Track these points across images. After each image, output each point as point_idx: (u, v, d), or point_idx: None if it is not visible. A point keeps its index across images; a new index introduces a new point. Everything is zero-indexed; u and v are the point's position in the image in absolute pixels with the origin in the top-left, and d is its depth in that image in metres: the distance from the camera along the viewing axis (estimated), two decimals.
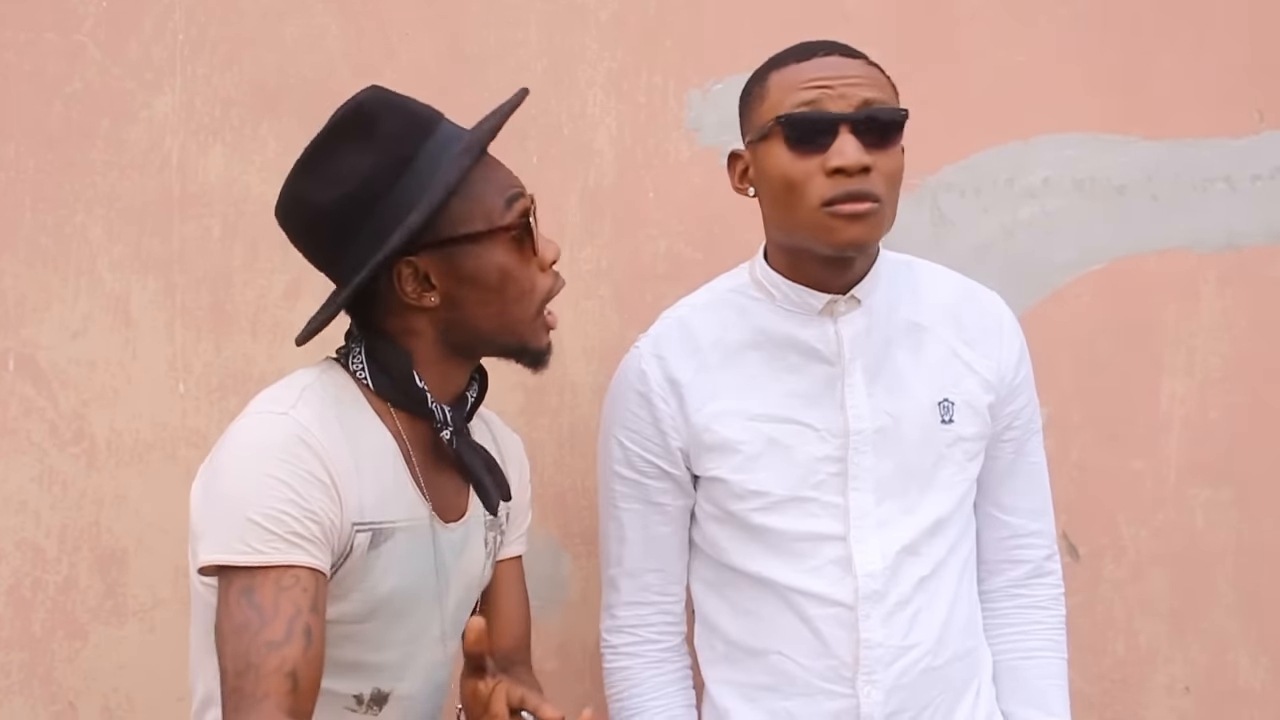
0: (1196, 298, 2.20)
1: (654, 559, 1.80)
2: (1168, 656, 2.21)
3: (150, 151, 2.00)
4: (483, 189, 1.48)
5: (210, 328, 2.00)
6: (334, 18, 2.04)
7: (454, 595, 1.60)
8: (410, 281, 1.47)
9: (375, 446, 1.50)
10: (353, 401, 1.51)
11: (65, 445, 1.97)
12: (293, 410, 1.44)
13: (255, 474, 1.40)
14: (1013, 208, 2.18)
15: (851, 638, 1.69)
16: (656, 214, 2.12)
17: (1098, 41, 2.18)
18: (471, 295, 1.48)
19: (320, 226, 1.48)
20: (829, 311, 1.71)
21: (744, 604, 1.75)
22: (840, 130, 1.60)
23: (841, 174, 1.59)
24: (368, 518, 1.46)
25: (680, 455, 1.75)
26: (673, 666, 1.83)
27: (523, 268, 1.50)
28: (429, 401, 1.51)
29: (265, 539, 1.37)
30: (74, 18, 1.98)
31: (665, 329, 1.79)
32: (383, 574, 1.49)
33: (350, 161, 1.45)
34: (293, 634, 1.33)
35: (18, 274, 1.96)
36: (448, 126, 1.51)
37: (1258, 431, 2.20)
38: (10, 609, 1.96)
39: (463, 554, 1.59)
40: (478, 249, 1.47)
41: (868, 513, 1.70)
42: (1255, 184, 2.20)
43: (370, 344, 1.52)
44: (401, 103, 1.49)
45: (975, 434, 1.76)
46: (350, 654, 1.50)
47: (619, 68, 2.11)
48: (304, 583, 1.37)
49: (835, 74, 1.62)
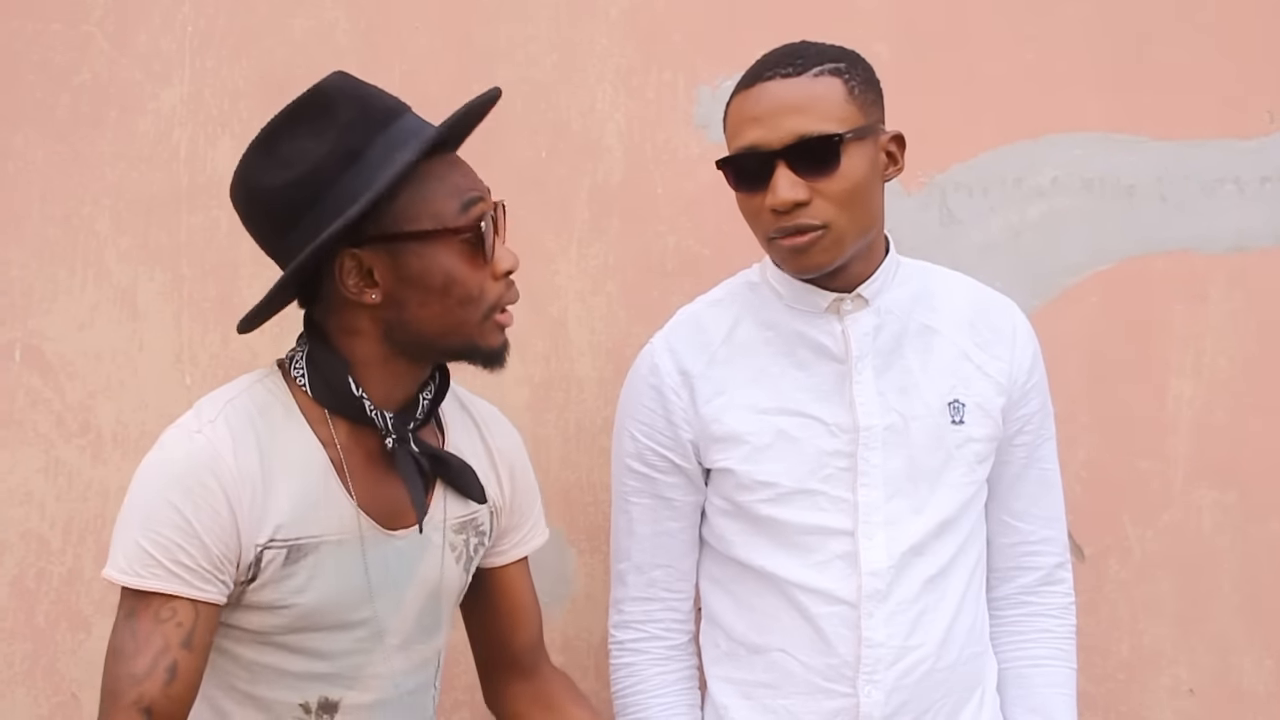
0: (1204, 299, 2.19)
1: (662, 554, 1.80)
2: (1172, 658, 2.20)
3: (158, 143, 1.99)
4: (435, 188, 1.44)
5: (217, 320, 2.00)
6: (343, 11, 2.04)
7: (413, 603, 1.56)
8: (353, 275, 1.44)
9: (301, 461, 1.47)
10: (284, 413, 1.48)
11: (71, 436, 1.97)
12: (208, 428, 1.44)
13: (152, 497, 1.41)
14: (1021, 207, 2.17)
15: (854, 636, 1.69)
16: (665, 210, 2.12)
17: (1107, 41, 2.18)
18: (414, 296, 1.44)
19: (266, 209, 1.45)
20: (835, 310, 1.72)
21: (748, 600, 1.76)
22: (777, 165, 1.61)
23: (776, 212, 1.62)
24: (281, 535, 1.45)
25: (691, 448, 1.76)
26: (678, 665, 1.83)
27: (471, 274, 1.44)
28: (367, 409, 1.47)
29: (148, 564, 1.40)
30: (82, 9, 1.98)
31: (678, 324, 1.81)
32: (303, 587, 1.47)
33: (302, 146, 1.42)
34: (155, 669, 1.38)
35: (25, 265, 1.96)
36: (411, 120, 1.47)
37: (1265, 433, 2.20)
38: (14, 600, 1.96)
39: (420, 560, 1.56)
40: (423, 248, 1.43)
41: (876, 509, 1.70)
42: (1265, 185, 2.19)
43: (312, 348, 1.50)
44: (363, 92, 1.46)
45: (986, 435, 1.75)
46: (287, 663, 1.50)
47: (628, 64, 2.11)
48: (180, 616, 1.40)
49: (770, 106, 1.63)
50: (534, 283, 1.93)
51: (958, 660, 1.74)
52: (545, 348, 2.06)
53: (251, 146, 1.46)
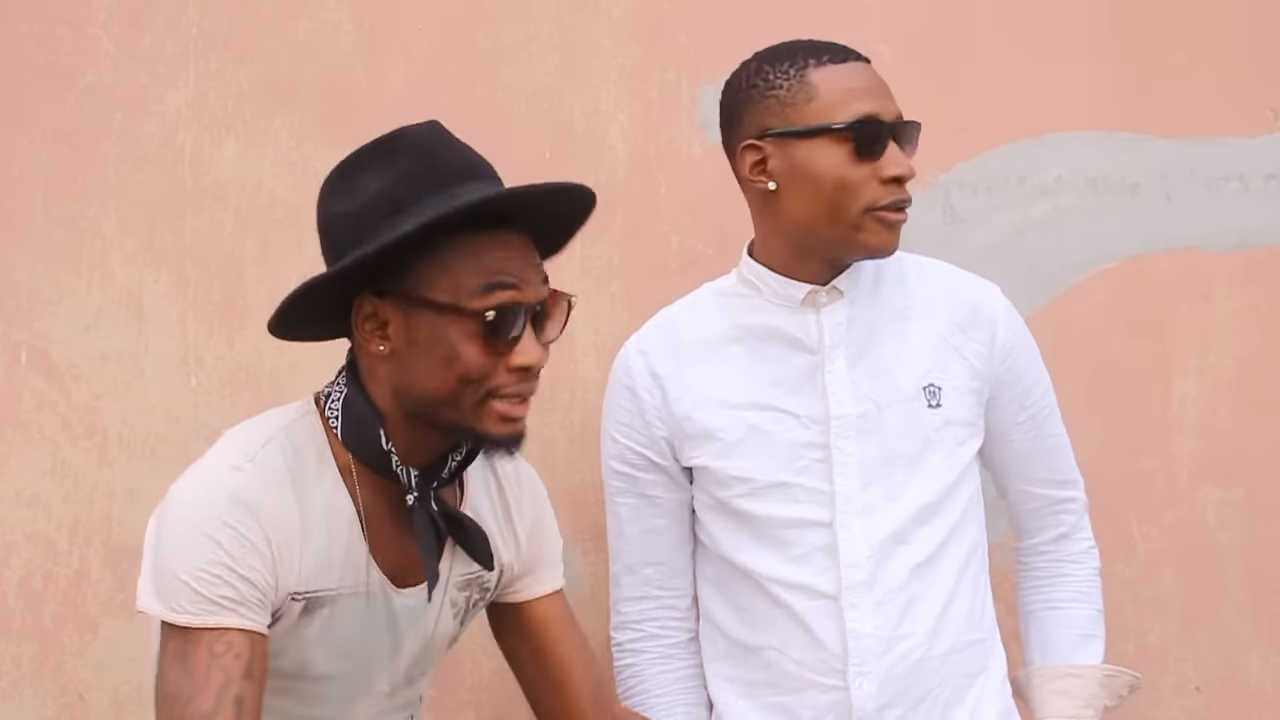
0: (1209, 297, 2.19)
1: (652, 553, 1.82)
2: (1178, 656, 2.20)
3: (163, 146, 2.00)
4: (464, 263, 1.38)
5: (222, 322, 2.00)
6: (347, 13, 2.04)
7: (408, 654, 1.56)
8: (369, 321, 1.42)
9: (329, 511, 1.45)
10: (316, 458, 1.46)
11: (77, 439, 1.98)
12: (248, 467, 1.41)
13: (192, 532, 1.37)
14: (1025, 206, 2.17)
15: (838, 629, 1.70)
16: (668, 210, 2.12)
17: (1111, 39, 2.18)
18: (419, 362, 1.40)
19: (325, 231, 1.46)
20: (811, 302, 1.74)
21: (739, 599, 1.77)
22: (889, 141, 1.66)
23: (896, 182, 1.65)
24: (304, 588, 1.43)
25: (666, 446, 1.78)
26: (679, 664, 1.83)
27: (477, 356, 1.39)
28: (394, 464, 1.45)
29: (195, 600, 1.36)
30: (88, 11, 1.98)
31: (651, 327, 1.84)
32: (315, 640, 1.46)
33: (365, 181, 1.41)
34: (222, 705, 1.34)
35: (31, 267, 1.97)
36: (482, 188, 1.41)
37: (1269, 431, 2.19)
38: (21, 601, 1.97)
39: (422, 616, 1.54)
40: (435, 319, 1.38)
41: (852, 498, 1.71)
42: (1269, 183, 2.19)
43: (350, 391, 1.46)
44: (437, 147, 1.43)
45: (965, 418, 1.76)
46: (279, 704, 1.48)
47: (631, 64, 2.11)
48: (237, 648, 1.36)
49: (876, 83, 1.69)
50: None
51: (952, 648, 1.73)
52: (549, 348, 2.06)
53: (338, 166, 1.46)
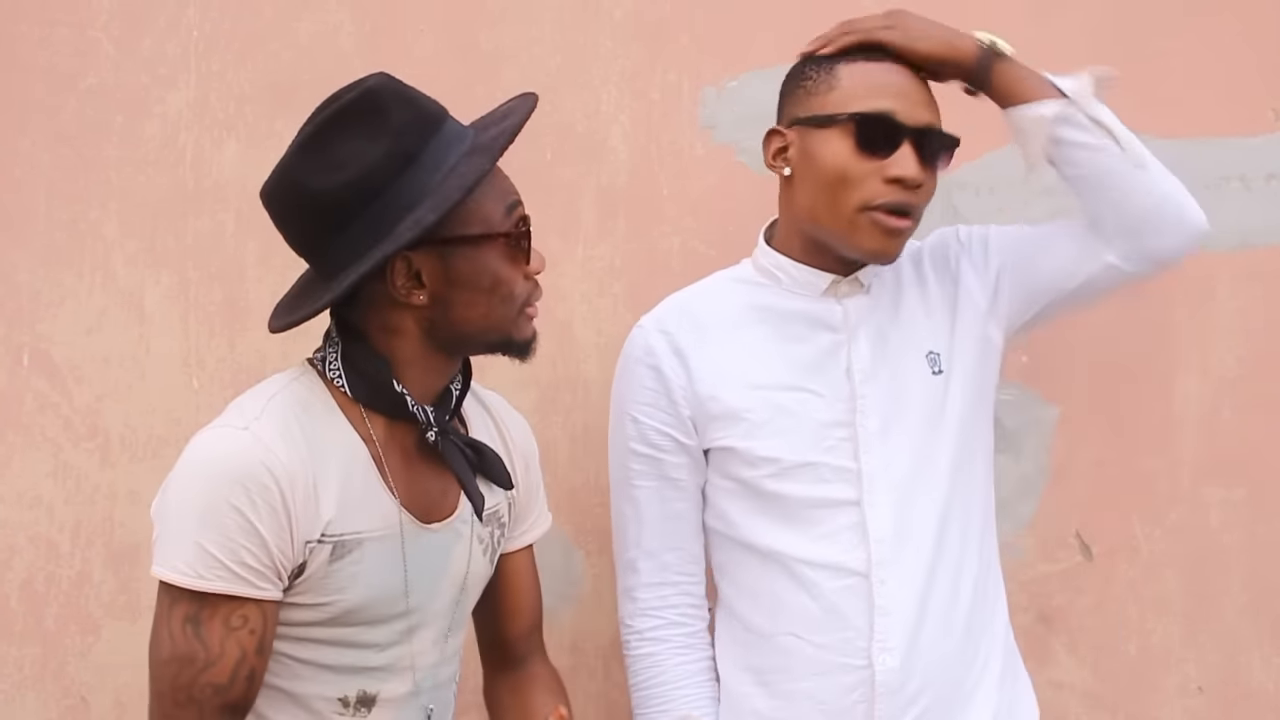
0: (1211, 297, 2.19)
1: (673, 537, 1.80)
2: (1180, 656, 2.20)
3: (164, 147, 2.00)
4: (484, 193, 1.47)
5: (224, 323, 2.00)
6: (348, 14, 2.04)
7: (447, 594, 1.58)
8: (402, 276, 1.46)
9: (344, 455, 1.48)
10: (323, 409, 1.49)
11: (79, 440, 1.97)
12: (255, 424, 1.43)
13: (209, 496, 1.39)
14: (1027, 206, 2.17)
15: (866, 606, 1.70)
16: (670, 211, 2.12)
17: (1111, 38, 2.18)
18: (461, 296, 1.48)
19: (313, 212, 1.44)
20: (833, 292, 1.75)
21: (754, 585, 1.76)
22: (904, 143, 1.65)
23: (899, 184, 1.65)
24: (330, 531, 1.45)
25: (691, 425, 1.76)
26: (698, 655, 1.81)
27: (512, 274, 1.50)
28: (410, 405, 1.50)
29: (212, 566, 1.39)
30: (88, 13, 1.98)
31: (666, 308, 1.83)
32: (348, 584, 1.48)
33: (355, 148, 1.42)
34: (238, 678, 1.42)
35: (32, 269, 1.97)
36: (453, 124, 1.50)
37: (1272, 431, 2.19)
38: (23, 604, 1.97)
39: (453, 552, 1.58)
40: (473, 252, 1.47)
41: (878, 475, 1.71)
42: (1271, 183, 2.19)
43: (347, 347, 1.50)
44: (412, 95, 1.48)
45: (968, 371, 1.78)
46: (327, 657, 1.50)
47: (633, 65, 2.11)
48: (252, 622, 1.41)
49: (908, 87, 1.69)
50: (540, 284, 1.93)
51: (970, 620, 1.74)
52: (551, 350, 2.06)
53: (296, 146, 1.45)
